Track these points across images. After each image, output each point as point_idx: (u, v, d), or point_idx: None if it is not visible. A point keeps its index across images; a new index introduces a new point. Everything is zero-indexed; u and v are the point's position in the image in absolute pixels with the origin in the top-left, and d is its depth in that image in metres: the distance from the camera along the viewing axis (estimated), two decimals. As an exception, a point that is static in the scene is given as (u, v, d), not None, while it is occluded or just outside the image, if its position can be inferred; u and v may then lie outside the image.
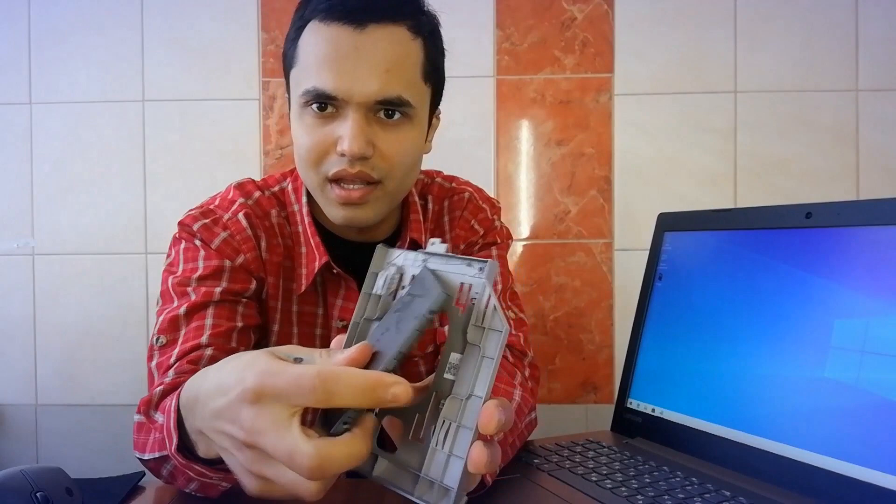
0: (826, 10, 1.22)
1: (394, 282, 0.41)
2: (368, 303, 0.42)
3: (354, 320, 0.41)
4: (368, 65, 0.62)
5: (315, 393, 0.33)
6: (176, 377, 0.60)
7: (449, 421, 0.35)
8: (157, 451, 0.55)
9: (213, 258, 0.69)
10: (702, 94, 1.24)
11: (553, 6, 1.24)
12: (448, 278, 0.38)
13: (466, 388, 0.35)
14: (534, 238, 1.26)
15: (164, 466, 0.56)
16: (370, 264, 0.43)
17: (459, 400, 0.35)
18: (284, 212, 0.75)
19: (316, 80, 0.63)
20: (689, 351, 0.69)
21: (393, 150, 0.65)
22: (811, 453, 0.55)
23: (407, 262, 0.41)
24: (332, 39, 0.63)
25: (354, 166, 0.64)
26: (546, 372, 1.25)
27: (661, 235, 0.77)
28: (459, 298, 0.37)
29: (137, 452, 0.59)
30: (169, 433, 0.46)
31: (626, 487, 0.57)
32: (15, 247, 1.26)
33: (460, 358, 0.36)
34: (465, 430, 0.34)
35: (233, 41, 1.25)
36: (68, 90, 1.25)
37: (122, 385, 1.26)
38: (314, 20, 0.64)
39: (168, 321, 0.65)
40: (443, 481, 0.34)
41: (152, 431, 0.57)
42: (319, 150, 0.65)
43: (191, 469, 0.46)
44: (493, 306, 0.35)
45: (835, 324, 0.56)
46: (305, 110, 0.65)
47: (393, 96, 0.63)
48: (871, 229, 0.56)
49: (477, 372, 0.35)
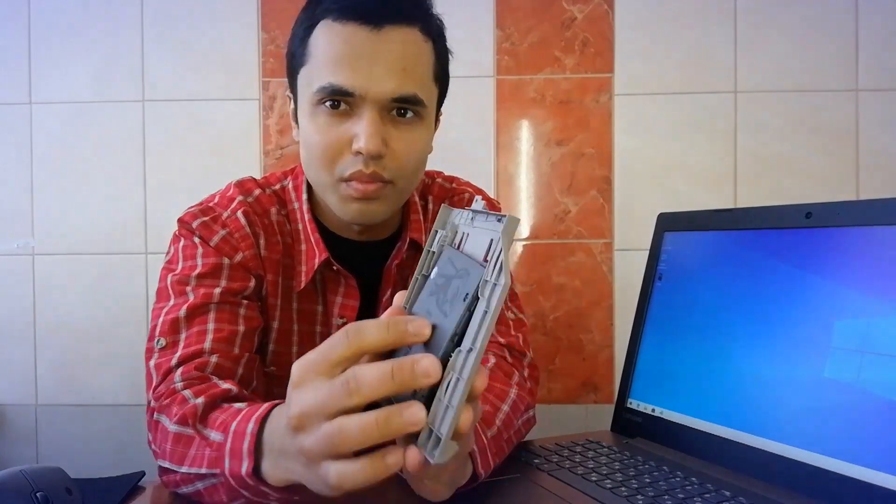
0: (826, 10, 1.22)
1: (447, 239, 0.45)
2: (426, 259, 0.46)
3: (416, 275, 0.46)
4: (386, 63, 0.63)
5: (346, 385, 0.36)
6: (186, 383, 0.60)
7: (452, 373, 0.36)
8: (206, 468, 0.52)
9: (212, 256, 0.69)
10: (702, 94, 1.24)
11: (553, 6, 1.24)
12: (473, 255, 0.40)
13: (469, 341, 0.36)
14: (534, 238, 1.26)
15: (196, 483, 0.54)
16: (434, 222, 0.47)
17: (463, 353, 0.36)
18: (284, 210, 0.75)
19: (332, 77, 0.63)
20: (688, 351, 0.69)
21: (405, 149, 0.66)
22: (811, 453, 0.55)
23: (461, 221, 0.44)
24: (347, 38, 0.63)
25: (369, 166, 0.64)
26: (546, 372, 1.25)
27: (660, 235, 0.77)
28: (487, 254, 0.38)
29: (169, 463, 0.56)
30: (238, 454, 0.47)
31: (626, 487, 0.57)
32: (15, 247, 1.26)
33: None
34: (461, 382, 0.35)
35: (233, 41, 1.25)
36: (68, 90, 1.25)
37: (122, 385, 1.26)
38: (326, 19, 0.64)
39: (168, 323, 0.65)
40: (438, 430, 0.36)
41: (198, 445, 0.54)
42: (334, 149, 0.65)
43: (253, 490, 0.48)
44: (499, 262, 0.36)
45: (835, 324, 0.56)
46: (318, 108, 0.65)
47: (409, 94, 0.64)
48: (871, 229, 0.56)
49: (478, 325, 0.36)
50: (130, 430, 1.25)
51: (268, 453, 0.46)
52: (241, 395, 0.59)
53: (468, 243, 0.42)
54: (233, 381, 0.62)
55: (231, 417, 0.51)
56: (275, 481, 0.46)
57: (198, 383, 0.60)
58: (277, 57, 1.25)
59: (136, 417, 1.25)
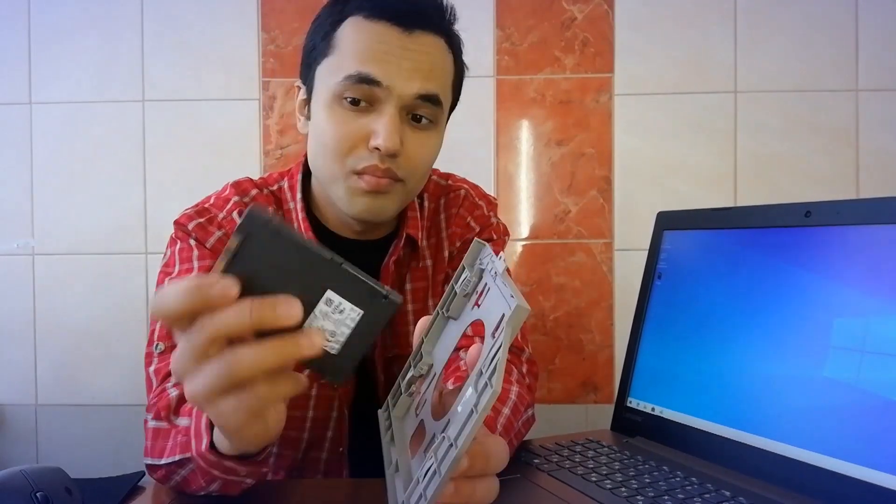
0: (826, 10, 1.22)
1: (470, 284, 0.44)
2: (449, 297, 0.45)
3: (437, 309, 0.46)
4: (414, 63, 0.64)
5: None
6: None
7: (433, 459, 0.35)
8: (179, 453, 0.53)
9: (208, 258, 0.69)
10: (702, 94, 1.24)
11: (553, 6, 1.24)
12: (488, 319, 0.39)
13: (453, 434, 0.34)
14: (534, 238, 1.26)
15: (179, 472, 0.55)
16: (465, 256, 0.47)
17: (445, 444, 0.35)
18: (281, 210, 0.76)
19: (361, 66, 0.63)
20: (688, 350, 0.69)
21: (419, 151, 0.67)
22: (811, 453, 0.55)
23: (488, 266, 0.43)
24: (379, 35, 0.64)
25: (384, 162, 0.65)
26: (546, 372, 1.25)
27: (660, 234, 0.77)
28: (497, 329, 0.37)
29: (151, 459, 0.57)
30: (199, 433, 0.46)
31: (625, 488, 0.57)
32: (15, 247, 1.26)
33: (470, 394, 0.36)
34: (438, 477, 0.34)
35: (233, 41, 1.25)
36: (68, 90, 1.25)
37: (122, 385, 1.26)
38: (356, 16, 0.65)
39: (167, 327, 0.65)
40: None
41: (172, 436, 0.55)
42: (350, 142, 0.65)
43: (219, 467, 0.46)
44: (496, 361, 0.34)
45: (834, 323, 0.56)
46: (338, 101, 0.65)
47: (433, 93, 0.66)
48: (871, 228, 0.56)
49: (463, 422, 0.34)
50: (130, 430, 1.25)
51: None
52: None
53: (487, 300, 0.41)
54: None
55: None
56: (223, 448, 0.45)
57: None
58: (277, 57, 1.25)
59: (136, 417, 1.24)
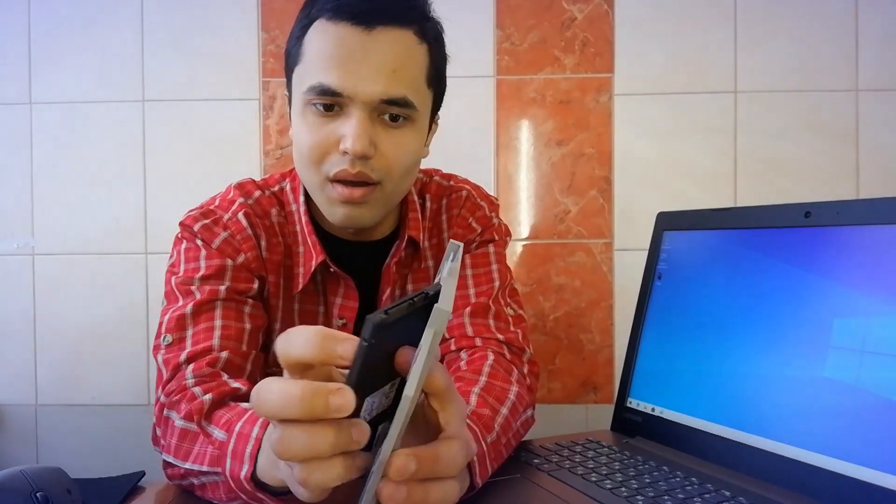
0: (826, 10, 1.22)
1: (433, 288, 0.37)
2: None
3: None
4: (375, 65, 0.62)
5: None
6: (197, 380, 0.60)
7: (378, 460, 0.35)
8: (208, 465, 0.52)
9: (215, 258, 0.69)
10: (702, 94, 1.24)
11: (553, 6, 1.24)
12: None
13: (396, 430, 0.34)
14: (534, 238, 1.26)
15: (199, 477, 0.55)
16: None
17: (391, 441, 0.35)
18: (283, 211, 0.76)
19: (321, 77, 0.63)
20: (688, 350, 0.69)
21: (394, 152, 0.66)
22: (811, 453, 0.55)
23: (443, 268, 0.37)
24: (339, 38, 0.63)
25: (355, 166, 0.64)
26: (546, 372, 1.25)
27: (660, 234, 0.77)
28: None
29: (172, 458, 0.57)
30: (239, 457, 0.47)
31: (625, 488, 0.57)
32: (15, 247, 1.26)
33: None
34: (376, 474, 0.35)
35: (233, 41, 1.25)
36: (68, 90, 1.25)
37: (122, 385, 1.26)
38: (321, 19, 0.64)
39: (175, 319, 0.65)
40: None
41: (201, 442, 0.55)
42: (321, 148, 0.65)
43: (250, 495, 0.48)
44: (413, 370, 0.33)
45: (834, 323, 0.56)
46: (308, 108, 0.65)
47: (398, 96, 0.63)
48: (871, 228, 0.56)
49: (388, 427, 0.34)
50: (130, 430, 1.25)
51: (264, 450, 0.46)
52: (249, 394, 0.59)
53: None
54: (243, 378, 0.62)
55: (236, 417, 0.52)
56: (270, 480, 0.46)
57: (208, 380, 0.60)
58: (277, 57, 1.25)
59: (136, 417, 1.25)
